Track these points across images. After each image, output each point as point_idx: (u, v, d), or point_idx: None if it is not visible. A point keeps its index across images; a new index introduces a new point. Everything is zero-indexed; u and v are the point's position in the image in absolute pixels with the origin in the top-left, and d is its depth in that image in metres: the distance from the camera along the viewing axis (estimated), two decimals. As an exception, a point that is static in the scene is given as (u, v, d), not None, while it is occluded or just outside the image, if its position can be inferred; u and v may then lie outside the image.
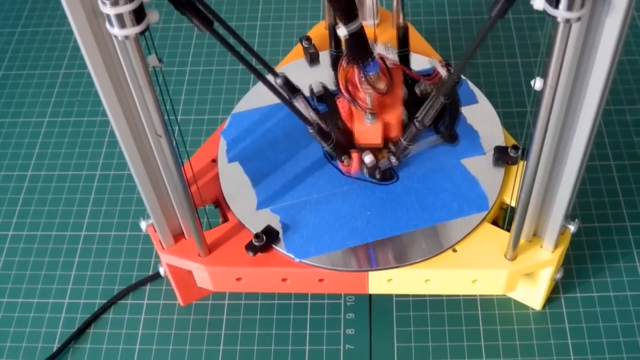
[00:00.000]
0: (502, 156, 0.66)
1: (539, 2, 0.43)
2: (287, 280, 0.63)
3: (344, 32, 0.56)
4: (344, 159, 0.64)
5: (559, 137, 0.52)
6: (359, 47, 0.59)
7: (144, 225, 0.62)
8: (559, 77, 0.46)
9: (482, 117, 0.70)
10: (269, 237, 0.62)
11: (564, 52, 0.45)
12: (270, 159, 0.68)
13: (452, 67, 0.64)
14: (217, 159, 0.69)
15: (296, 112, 0.60)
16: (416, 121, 0.60)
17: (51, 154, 0.85)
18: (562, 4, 0.41)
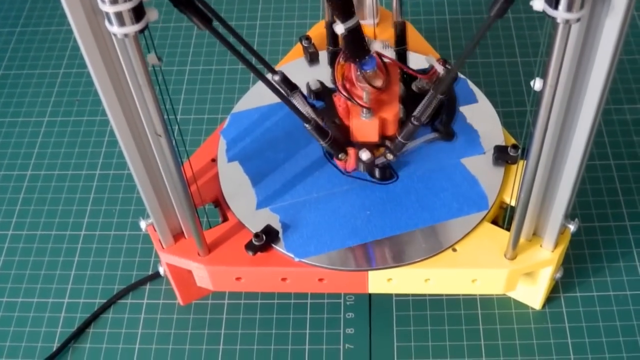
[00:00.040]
0: (502, 155, 0.66)
1: (538, 3, 0.43)
2: (287, 279, 0.63)
3: (341, 29, 0.56)
4: (341, 155, 0.64)
5: (558, 136, 0.52)
6: (356, 44, 0.59)
7: (143, 224, 0.62)
8: (559, 77, 0.46)
9: (482, 117, 0.70)
10: (268, 237, 0.62)
11: (564, 53, 0.45)
12: (269, 158, 0.68)
13: (449, 63, 0.64)
14: (217, 159, 0.69)
15: (293, 108, 0.60)
16: (413, 118, 0.60)
17: (51, 154, 0.85)
18: (562, 4, 0.41)
